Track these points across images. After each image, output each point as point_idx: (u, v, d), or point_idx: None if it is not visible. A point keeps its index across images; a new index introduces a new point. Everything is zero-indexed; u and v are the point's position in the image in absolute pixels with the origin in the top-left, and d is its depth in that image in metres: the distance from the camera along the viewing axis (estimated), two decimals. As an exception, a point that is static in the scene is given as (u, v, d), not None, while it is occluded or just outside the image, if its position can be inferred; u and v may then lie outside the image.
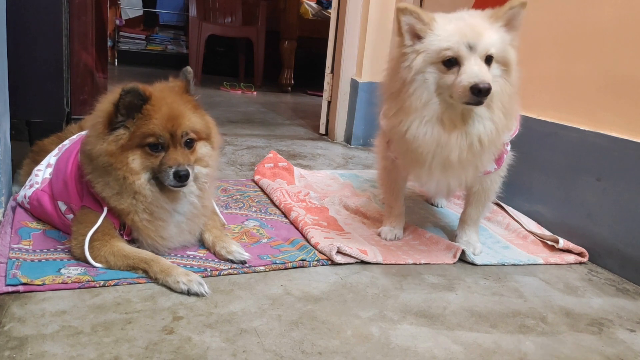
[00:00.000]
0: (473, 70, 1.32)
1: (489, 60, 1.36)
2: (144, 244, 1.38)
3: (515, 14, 1.39)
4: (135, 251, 1.34)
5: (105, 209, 1.35)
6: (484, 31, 1.35)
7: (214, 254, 1.46)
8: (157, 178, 1.33)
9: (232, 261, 1.42)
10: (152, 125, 1.29)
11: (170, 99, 1.34)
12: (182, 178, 1.30)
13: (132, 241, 1.40)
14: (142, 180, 1.32)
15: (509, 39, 1.39)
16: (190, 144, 1.37)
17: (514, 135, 1.59)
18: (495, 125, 1.41)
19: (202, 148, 1.41)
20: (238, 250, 1.43)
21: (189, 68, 1.41)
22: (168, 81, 1.42)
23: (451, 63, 1.35)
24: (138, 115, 1.29)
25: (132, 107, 1.28)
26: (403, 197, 1.77)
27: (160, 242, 1.39)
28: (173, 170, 1.29)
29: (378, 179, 1.89)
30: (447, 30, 1.35)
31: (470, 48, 1.33)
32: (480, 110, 1.39)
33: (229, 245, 1.45)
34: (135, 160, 1.31)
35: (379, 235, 1.73)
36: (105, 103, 1.33)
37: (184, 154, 1.33)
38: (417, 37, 1.39)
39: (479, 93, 1.30)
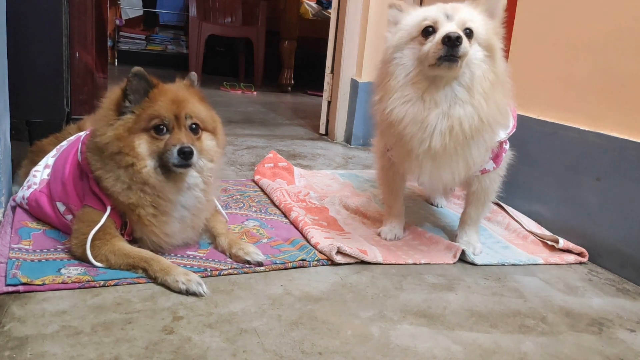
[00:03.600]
0: (447, 27, 1.36)
1: (469, 34, 1.39)
2: (147, 241, 1.39)
3: (495, 3, 1.43)
4: (136, 250, 1.35)
5: (109, 208, 1.35)
6: (463, 7, 1.41)
7: (230, 256, 1.46)
8: (163, 166, 1.34)
9: (248, 262, 1.43)
10: (157, 107, 1.33)
11: (177, 88, 1.40)
12: (186, 155, 1.31)
13: (133, 241, 1.40)
14: (148, 168, 1.33)
15: (491, 25, 1.43)
16: (195, 130, 1.39)
17: (511, 133, 1.59)
18: (476, 111, 1.40)
19: (208, 140, 1.43)
20: (255, 252, 1.45)
21: (194, 73, 1.48)
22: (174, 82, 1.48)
23: (429, 32, 1.39)
24: (144, 99, 1.33)
25: (139, 92, 1.33)
26: (402, 197, 1.77)
27: (164, 238, 1.39)
28: (177, 147, 1.31)
29: (377, 179, 1.89)
30: (428, 8, 1.43)
31: (448, 17, 1.39)
32: (460, 92, 1.40)
33: (246, 247, 1.46)
34: (142, 145, 1.33)
35: (378, 235, 1.73)
36: (112, 94, 1.37)
37: (188, 135, 1.36)
38: (398, 23, 1.47)
39: (449, 40, 1.32)
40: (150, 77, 1.34)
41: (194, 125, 1.38)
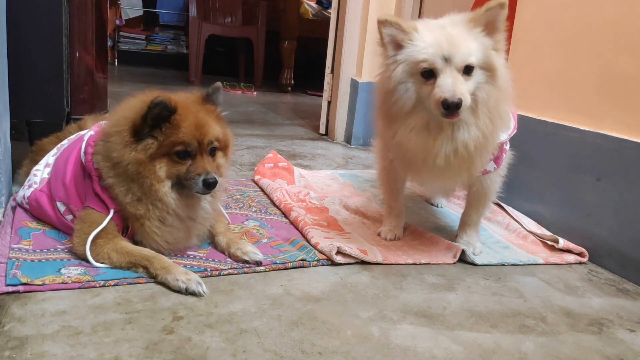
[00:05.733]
0: (445, 84, 1.32)
1: (468, 69, 1.35)
2: (148, 247, 1.39)
3: (494, 15, 1.36)
4: (138, 248, 1.35)
5: (112, 211, 1.35)
6: (462, 42, 1.34)
7: (229, 255, 1.46)
8: (178, 184, 1.35)
9: (247, 262, 1.43)
10: (182, 134, 1.31)
11: (195, 109, 1.37)
12: (210, 185, 1.33)
13: (134, 243, 1.40)
14: (166, 189, 1.34)
15: (490, 43, 1.37)
16: (213, 152, 1.39)
17: (512, 135, 1.59)
18: (482, 132, 1.40)
19: (220, 158, 1.44)
20: (253, 251, 1.45)
21: (219, 83, 1.44)
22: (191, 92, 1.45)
23: (429, 74, 1.35)
24: (166, 125, 1.31)
25: (159, 119, 1.30)
26: (402, 197, 1.77)
27: (165, 246, 1.40)
28: (202, 178, 1.32)
29: (377, 179, 1.89)
30: (425, 41, 1.35)
31: (446, 60, 1.33)
32: (465, 116, 1.37)
33: (244, 247, 1.46)
34: (162, 168, 1.33)
35: (378, 235, 1.73)
36: (129, 111, 1.34)
37: (210, 162, 1.36)
38: (399, 46, 1.39)
39: (448, 108, 1.30)
40: (170, 100, 1.30)
41: (213, 148, 1.38)
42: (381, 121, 1.52)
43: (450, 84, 1.31)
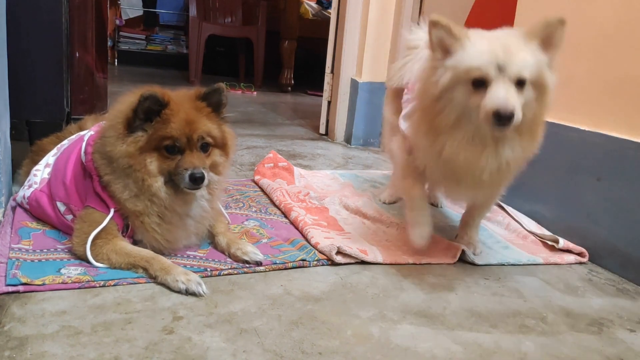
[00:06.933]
0: (498, 94, 1.24)
1: (521, 83, 1.27)
2: (148, 246, 1.39)
3: (553, 32, 1.30)
4: (137, 249, 1.35)
5: (112, 210, 1.36)
6: (518, 52, 1.26)
7: (229, 255, 1.46)
8: (172, 181, 1.35)
9: (247, 262, 1.43)
10: (170, 129, 1.32)
11: (187, 105, 1.37)
12: (197, 180, 1.32)
13: (134, 243, 1.40)
14: (158, 184, 1.34)
15: (545, 60, 1.31)
16: (205, 148, 1.39)
17: None
18: (524, 151, 1.38)
19: (216, 156, 1.43)
20: (253, 251, 1.45)
21: (221, 85, 1.44)
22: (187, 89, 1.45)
23: (480, 84, 1.27)
24: (156, 119, 1.32)
25: (150, 112, 1.31)
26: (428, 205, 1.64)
27: (165, 244, 1.40)
28: (189, 172, 1.31)
29: (400, 170, 1.71)
30: (478, 48, 1.28)
31: (500, 69, 1.25)
32: (510, 135, 1.32)
33: (244, 247, 1.46)
34: (153, 163, 1.33)
35: (411, 239, 1.57)
36: (124, 105, 1.36)
37: (200, 157, 1.35)
38: (447, 51, 1.31)
39: (500, 119, 1.23)
40: (162, 94, 1.31)
41: (204, 144, 1.38)
42: (423, 134, 1.43)
43: (504, 95, 1.23)
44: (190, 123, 1.34)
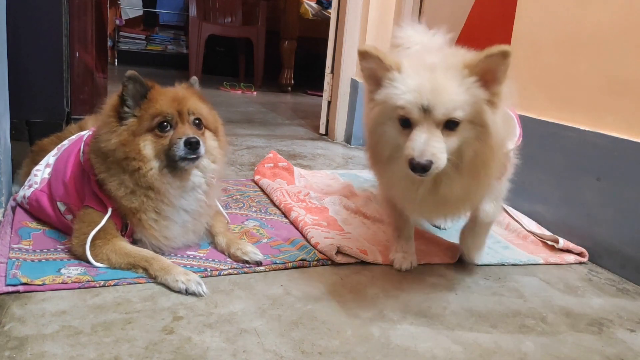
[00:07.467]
0: (416, 141, 1.15)
1: (452, 125, 1.17)
2: (147, 244, 1.39)
3: (495, 65, 1.15)
4: (137, 249, 1.35)
5: (110, 210, 1.35)
6: (447, 92, 1.15)
7: (229, 255, 1.46)
8: (169, 166, 1.34)
9: (247, 262, 1.43)
10: (159, 105, 1.33)
11: (174, 88, 1.41)
12: (192, 145, 1.31)
13: (134, 242, 1.40)
14: (154, 170, 1.33)
15: (484, 96, 1.17)
16: (199, 126, 1.39)
17: (518, 143, 1.47)
18: (465, 190, 1.27)
19: (210, 140, 1.43)
20: (253, 251, 1.44)
21: (195, 78, 1.49)
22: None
23: (405, 123, 1.18)
24: (144, 101, 1.34)
25: (136, 95, 1.33)
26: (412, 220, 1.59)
27: (164, 242, 1.39)
28: (183, 139, 1.31)
29: (381, 200, 1.70)
30: (406, 84, 1.17)
31: (425, 111, 1.15)
32: (448, 170, 1.21)
33: (244, 247, 1.46)
34: (147, 146, 1.33)
35: (392, 262, 1.53)
36: (111, 98, 1.38)
37: (193, 129, 1.36)
38: (378, 84, 1.22)
39: (414, 169, 1.14)
40: (145, 80, 1.35)
41: (197, 121, 1.39)
42: (370, 160, 1.38)
43: (422, 142, 1.14)
44: (178, 99, 1.36)
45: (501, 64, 1.15)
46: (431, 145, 1.14)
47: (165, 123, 1.34)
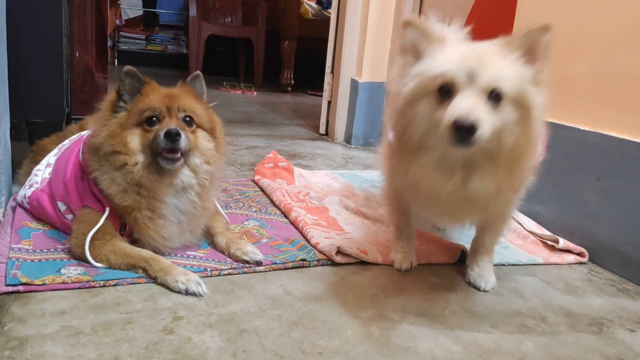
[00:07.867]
0: (461, 103, 1.06)
1: (497, 97, 1.10)
2: (145, 244, 1.38)
3: (536, 41, 1.12)
4: (136, 250, 1.35)
5: (108, 209, 1.35)
6: (493, 60, 1.11)
7: (229, 255, 1.46)
8: (155, 163, 1.33)
9: (247, 262, 1.42)
10: (149, 100, 1.34)
11: (170, 87, 1.41)
12: (171, 136, 1.28)
13: (133, 242, 1.40)
14: (139, 165, 1.32)
15: (529, 74, 1.12)
16: (189, 123, 1.38)
17: (540, 159, 1.40)
18: (497, 186, 1.19)
19: (204, 140, 1.41)
20: (253, 251, 1.44)
21: (198, 72, 1.50)
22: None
23: (446, 93, 1.10)
24: (137, 96, 1.35)
25: (133, 91, 1.34)
26: (414, 219, 1.56)
27: (161, 241, 1.39)
28: (164, 130, 1.29)
29: (385, 198, 1.64)
30: (449, 53, 1.13)
31: (470, 78, 1.08)
32: (481, 162, 1.16)
33: (244, 247, 1.45)
34: (134, 140, 1.33)
35: (392, 263, 1.52)
36: (110, 94, 1.39)
37: (179, 124, 1.34)
38: (419, 57, 1.16)
39: (459, 130, 1.04)
40: (143, 76, 1.36)
41: (187, 118, 1.38)
42: (392, 153, 1.31)
43: (467, 103, 1.06)
44: (170, 96, 1.37)
45: (542, 38, 1.12)
46: (478, 108, 1.06)
47: (154, 118, 1.33)
